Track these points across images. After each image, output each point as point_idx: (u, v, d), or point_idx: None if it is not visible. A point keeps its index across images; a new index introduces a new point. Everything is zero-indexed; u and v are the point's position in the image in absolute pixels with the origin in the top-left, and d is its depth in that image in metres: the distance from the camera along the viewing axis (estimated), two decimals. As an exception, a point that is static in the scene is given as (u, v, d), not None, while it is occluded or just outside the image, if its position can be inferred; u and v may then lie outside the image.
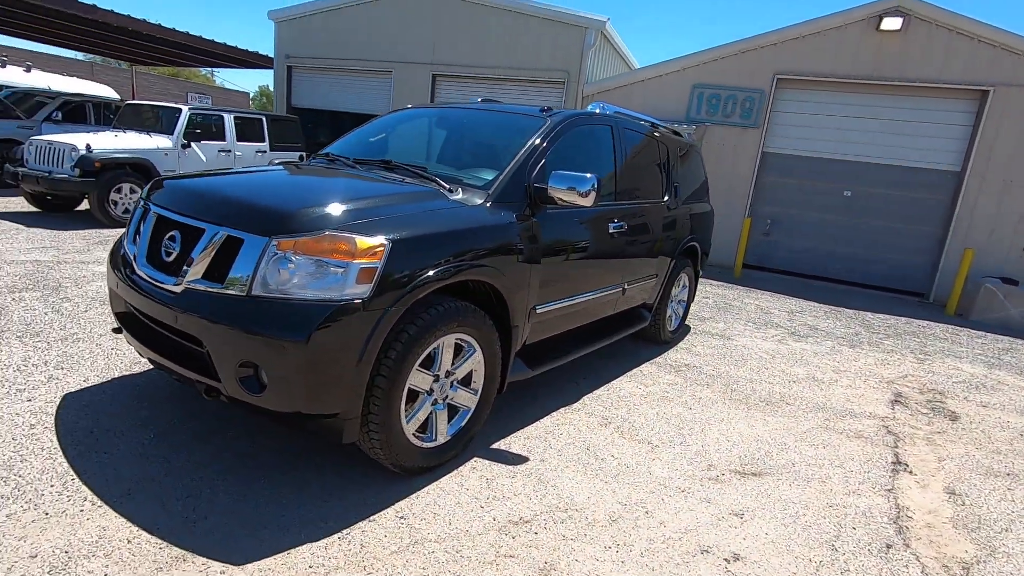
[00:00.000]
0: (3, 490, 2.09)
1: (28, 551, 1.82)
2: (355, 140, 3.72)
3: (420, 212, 2.41)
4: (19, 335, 3.52)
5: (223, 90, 34.73)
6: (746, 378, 4.38)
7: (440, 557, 2.03)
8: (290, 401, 2.04)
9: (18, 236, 6.21)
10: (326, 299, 2.03)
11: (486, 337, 2.62)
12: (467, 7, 11.05)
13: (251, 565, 1.88)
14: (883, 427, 3.76)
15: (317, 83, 13.08)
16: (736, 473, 2.90)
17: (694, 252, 5.09)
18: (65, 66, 20.65)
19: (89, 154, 7.09)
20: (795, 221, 9.68)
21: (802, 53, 9.06)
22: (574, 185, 2.80)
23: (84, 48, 15.56)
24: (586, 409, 3.46)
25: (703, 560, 2.19)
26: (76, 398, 2.84)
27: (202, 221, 2.23)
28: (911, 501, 2.86)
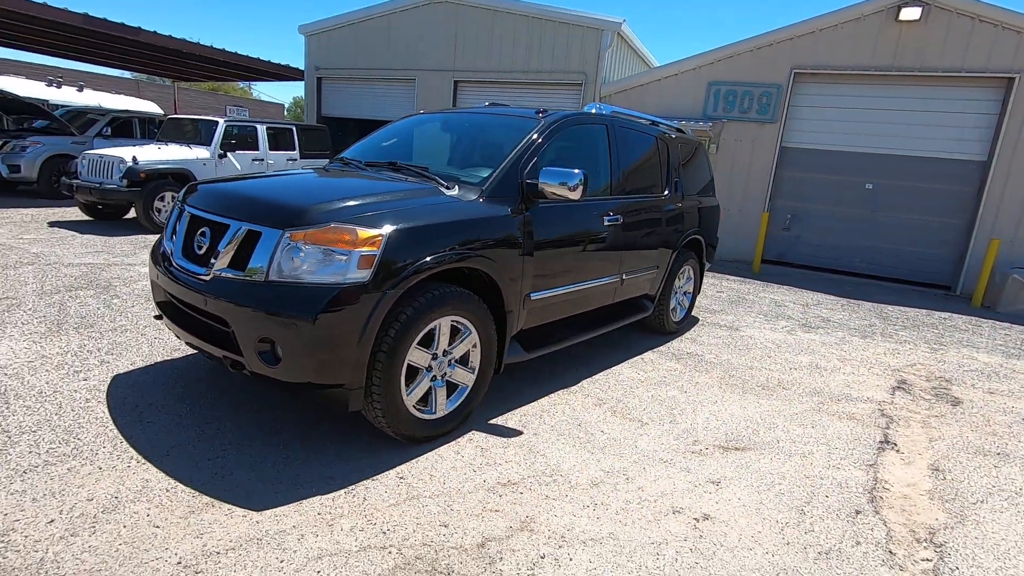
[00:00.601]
0: (65, 449, 2.46)
1: (86, 495, 2.17)
2: (369, 145, 4.04)
3: (416, 207, 2.69)
4: (76, 327, 3.96)
5: (259, 102, 36.10)
6: (746, 365, 4.52)
7: (432, 509, 2.29)
8: (301, 372, 2.34)
9: (74, 242, 6.79)
10: (331, 283, 2.32)
11: (481, 320, 2.87)
12: (486, 14, 11.38)
13: (268, 511, 2.18)
14: (878, 410, 3.85)
15: (345, 92, 13.62)
16: (720, 448, 3.08)
17: (698, 245, 5.24)
18: (114, 84, 21.94)
19: (135, 166, 7.67)
20: (816, 215, 9.62)
21: (819, 47, 9.04)
22: (563, 180, 3.03)
23: (131, 67, 16.55)
24: (583, 391, 3.68)
25: (674, 519, 2.39)
26: (124, 378, 3.22)
27: (227, 218, 2.57)
28: (891, 475, 2.98)
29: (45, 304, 4.37)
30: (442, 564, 2.00)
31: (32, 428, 2.61)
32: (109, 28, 10.03)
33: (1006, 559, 2.33)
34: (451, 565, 1.99)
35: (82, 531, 1.98)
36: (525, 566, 2.03)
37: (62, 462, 2.37)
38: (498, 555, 2.07)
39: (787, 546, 2.28)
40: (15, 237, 6.76)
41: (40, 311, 4.20)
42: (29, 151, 10.04)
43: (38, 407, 2.80)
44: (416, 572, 1.95)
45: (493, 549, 2.10)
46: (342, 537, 2.08)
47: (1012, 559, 2.34)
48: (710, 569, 2.10)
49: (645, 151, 4.42)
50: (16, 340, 3.62)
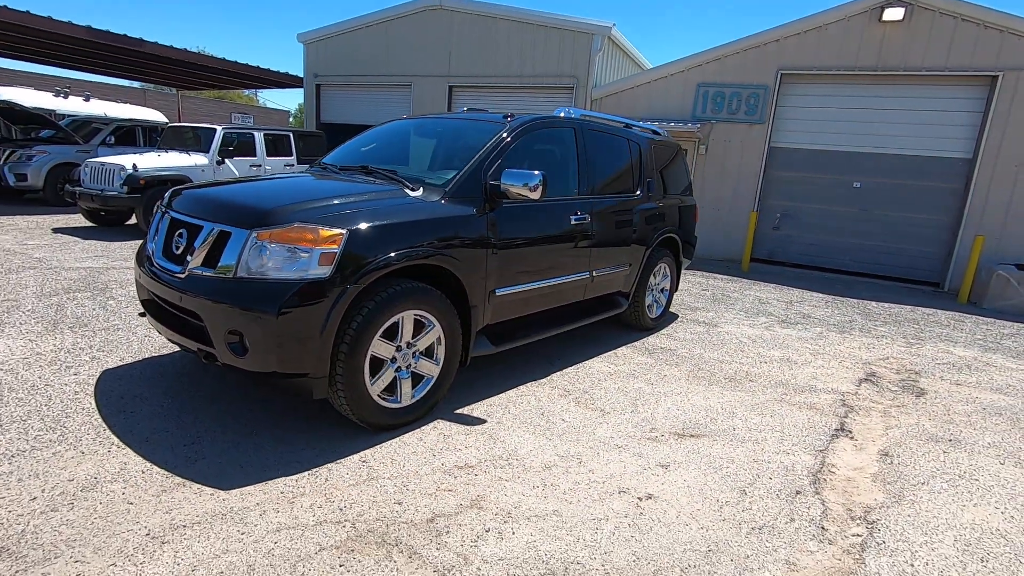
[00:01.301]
0: (52, 436, 2.64)
1: (67, 476, 2.35)
2: (348, 149, 4.22)
3: (378, 207, 2.85)
4: (71, 326, 4.16)
5: (265, 109, 36.53)
6: (717, 359, 4.65)
7: (389, 489, 2.45)
8: (267, 362, 2.51)
9: (75, 247, 7.03)
10: (294, 278, 2.50)
11: (444, 315, 3.04)
12: (480, 20, 11.58)
13: (235, 490, 2.35)
14: (840, 401, 3.97)
15: (343, 99, 13.87)
16: (675, 435, 3.22)
17: (674, 243, 5.38)
18: (121, 94, 22.36)
19: (135, 173, 7.92)
20: (805, 214, 9.72)
21: (805, 48, 9.16)
22: (524, 181, 3.19)
23: (136, 77, 16.91)
24: (552, 383, 3.83)
25: (618, 498, 2.53)
26: (112, 373, 3.41)
27: (201, 220, 2.75)
28: (840, 460, 3.10)
29: (44, 305, 4.58)
30: (391, 536, 2.16)
31: (22, 418, 2.79)
32: (112, 40, 10.32)
33: (933, 535, 2.46)
34: (399, 537, 2.15)
35: (61, 507, 2.16)
36: (469, 539, 2.18)
37: (48, 447, 2.55)
38: (445, 529, 2.22)
39: (723, 522, 2.42)
40: (19, 243, 7.01)
41: (38, 312, 4.41)
42: (35, 160, 10.34)
43: (29, 399, 2.99)
44: (366, 543, 2.11)
45: (441, 524, 2.25)
46: (301, 513, 2.25)
47: (939, 535, 2.46)
48: (644, 542, 2.24)
49: (615, 153, 4.57)
50: (13, 339, 3.82)
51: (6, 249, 6.58)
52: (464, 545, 2.14)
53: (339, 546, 2.08)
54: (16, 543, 1.95)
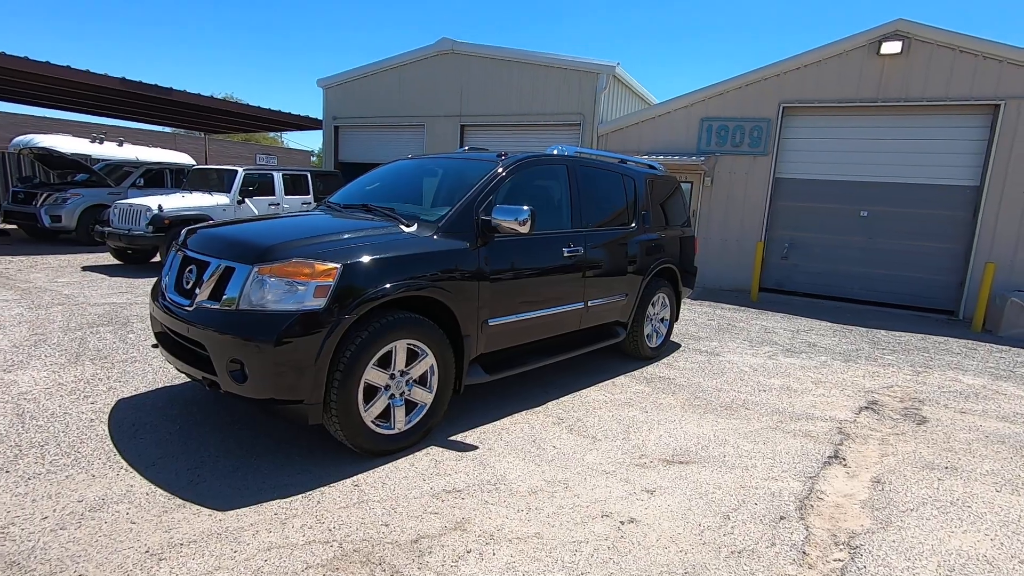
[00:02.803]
0: (66, 460, 2.81)
1: (77, 497, 2.50)
2: (353, 189, 4.46)
3: (373, 242, 3.04)
4: (92, 358, 4.39)
5: (287, 150, 37.87)
6: (715, 388, 4.68)
7: (377, 511, 2.55)
8: (265, 389, 2.66)
9: (102, 284, 7.39)
10: (291, 310, 2.67)
11: (437, 344, 3.18)
12: (489, 63, 12.08)
13: (231, 511, 2.47)
14: (836, 429, 3.97)
15: (360, 139, 14.43)
16: (664, 461, 3.26)
17: (672, 273, 5.48)
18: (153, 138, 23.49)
19: (160, 213, 8.34)
20: (813, 244, 9.74)
21: (806, 82, 9.35)
22: (514, 216, 3.37)
23: (166, 123, 17.84)
24: (546, 411, 3.91)
25: (601, 522, 2.59)
26: (127, 402, 3.60)
27: (209, 256, 2.96)
28: (830, 487, 3.11)
29: (68, 339, 4.84)
30: (376, 556, 2.25)
31: (40, 443, 2.98)
32: (144, 89, 11.00)
33: (916, 560, 2.46)
34: (384, 557, 2.25)
35: (70, 525, 2.31)
36: (451, 559, 2.26)
37: (62, 471, 2.72)
38: (428, 549, 2.31)
39: (702, 546, 2.46)
40: (50, 280, 7.40)
41: (63, 345, 4.66)
42: (69, 202, 10.93)
43: (48, 426, 3.18)
44: (351, 562, 2.20)
45: (424, 544, 2.34)
46: (292, 533, 2.36)
47: (923, 560, 2.46)
48: (622, 564, 2.30)
49: (609, 187, 4.74)
50: (38, 370, 4.06)
51: (38, 287, 6.95)
52: (445, 565, 2.22)
53: (325, 564, 2.18)
54: (26, 558, 2.10)
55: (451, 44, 12.41)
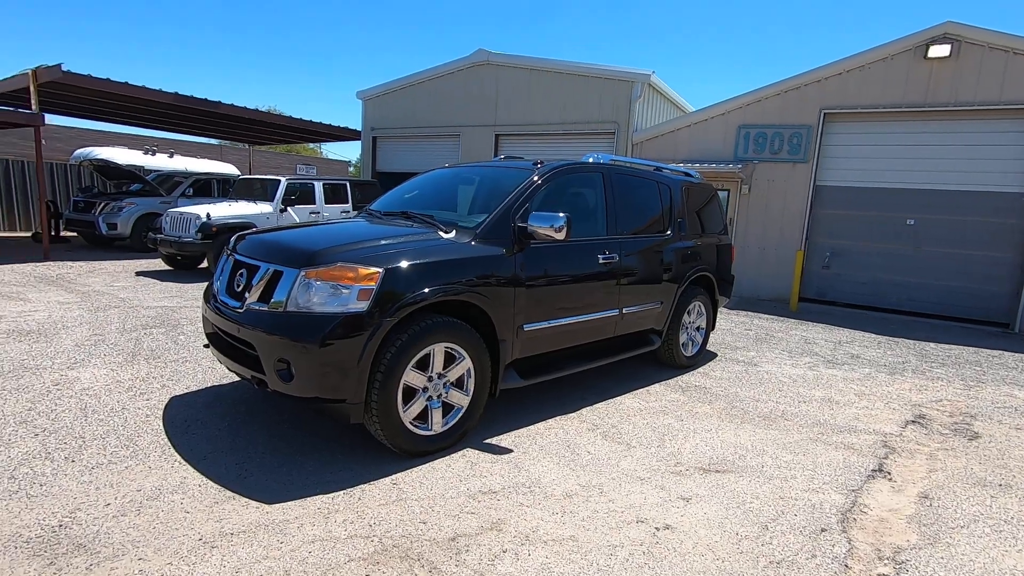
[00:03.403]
0: (125, 452, 2.98)
1: (136, 487, 2.65)
2: (392, 197, 4.59)
3: (413, 248, 3.13)
4: (146, 358, 4.63)
5: (327, 160, 38.91)
6: (752, 398, 4.60)
7: (415, 509, 2.62)
8: (310, 388, 2.77)
9: (154, 288, 7.76)
10: (336, 312, 2.78)
11: (474, 348, 3.24)
12: (524, 73, 12.21)
13: (277, 504, 2.58)
14: (881, 442, 3.85)
15: (397, 149, 14.75)
16: (700, 470, 3.23)
17: (708, 281, 5.42)
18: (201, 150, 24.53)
19: (208, 221, 8.72)
20: (856, 253, 9.46)
21: (848, 87, 9.14)
22: (550, 223, 3.41)
23: (213, 135, 18.61)
24: (581, 417, 3.92)
25: (635, 527, 2.59)
26: (179, 399, 3.79)
27: (259, 260, 3.11)
28: (874, 501, 3.03)
29: (124, 339, 5.11)
30: (415, 552, 2.31)
31: (102, 436, 3.16)
32: (194, 103, 11.54)
33: (967, 578, 2.37)
34: (422, 553, 2.30)
35: (130, 512, 2.45)
36: (487, 558, 2.30)
37: (121, 462, 2.88)
38: (465, 547, 2.36)
39: (740, 555, 2.43)
40: (107, 285, 7.81)
41: (120, 345, 4.92)
42: (124, 211, 11.53)
43: (108, 420, 3.38)
44: (391, 557, 2.27)
45: (462, 543, 2.39)
46: (335, 527, 2.44)
47: (973, 579, 2.37)
48: (657, 570, 2.29)
49: (644, 195, 4.74)
50: (98, 368, 4.30)
51: (96, 290, 7.35)
52: (481, 563, 2.26)
53: (366, 558, 2.25)
54: (92, 541, 2.24)
55: (487, 55, 12.61)
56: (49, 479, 2.68)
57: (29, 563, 2.10)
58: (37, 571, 2.06)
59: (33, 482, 2.65)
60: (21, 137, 17.66)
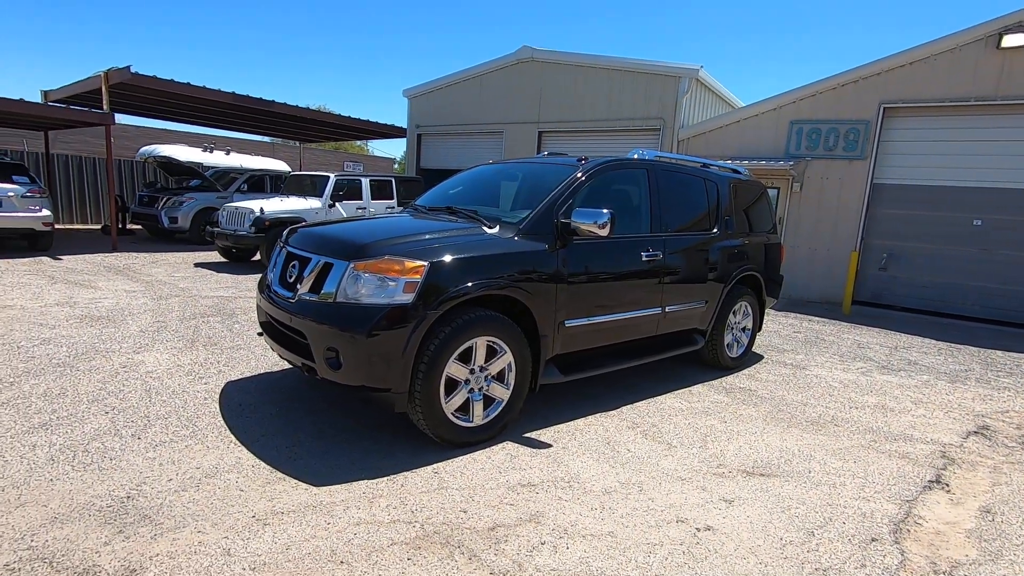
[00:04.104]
0: (185, 432, 3.16)
1: (195, 464, 2.81)
2: (437, 192, 4.67)
3: (457, 242, 3.18)
4: (204, 344, 4.87)
5: (373, 157, 39.80)
6: (800, 402, 4.46)
7: (456, 498, 2.67)
8: (357, 377, 2.87)
9: (211, 279, 8.15)
10: (382, 303, 2.86)
11: (515, 342, 3.27)
12: (568, 70, 12.15)
13: (324, 487, 2.68)
14: (939, 452, 3.67)
15: (441, 146, 14.95)
16: (743, 472, 3.17)
17: (755, 281, 5.28)
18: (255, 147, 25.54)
19: (262, 216, 9.07)
20: (916, 254, 9.00)
21: (911, 80, 8.69)
22: (593, 219, 3.41)
23: (267, 133, 19.34)
24: (621, 415, 3.90)
25: (675, 527, 2.57)
26: (234, 384, 3.97)
27: (310, 253, 3.23)
28: (930, 512, 2.90)
29: (184, 327, 5.39)
30: (455, 539, 2.36)
31: (165, 415, 3.36)
32: (250, 103, 12.01)
33: (1032, 598, 2.25)
34: (462, 540, 2.35)
35: (190, 488, 2.60)
36: (525, 548, 2.33)
37: (182, 441, 3.06)
38: (504, 537, 2.39)
39: (784, 560, 2.38)
40: (169, 275, 8.25)
41: (180, 332, 5.20)
42: (184, 205, 12.12)
43: (171, 401, 3.58)
44: (432, 543, 2.33)
45: (500, 533, 2.43)
46: (378, 511, 2.52)
47: (1039, 599, 2.25)
48: (697, 570, 2.27)
49: (690, 192, 4.66)
50: (161, 353, 4.56)
51: (159, 280, 7.78)
52: (520, 553, 2.29)
53: (408, 542, 2.31)
54: (156, 512, 2.39)
55: (531, 52, 12.61)
56: (118, 454, 2.87)
57: (101, 530, 2.26)
58: (108, 537, 2.21)
59: (104, 456, 2.84)
60: (93, 136, 18.82)
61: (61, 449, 2.88)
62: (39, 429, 3.09)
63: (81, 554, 2.11)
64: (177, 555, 2.13)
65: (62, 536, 2.20)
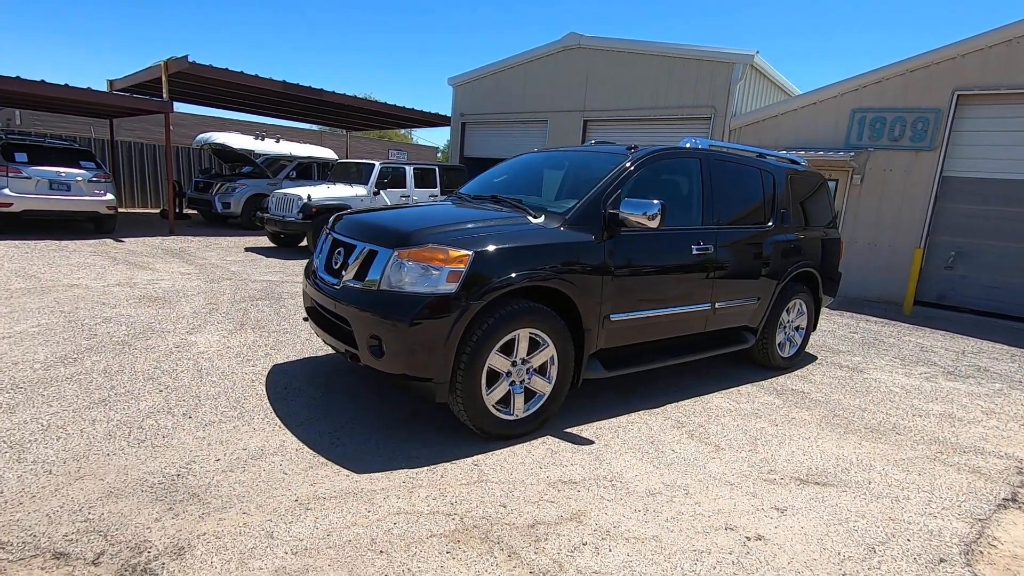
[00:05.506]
0: (233, 413, 3.23)
1: (242, 446, 2.86)
2: (482, 181, 4.61)
3: (502, 232, 3.12)
4: (252, 327, 5.00)
5: (416, 146, 40.18)
6: (858, 407, 4.22)
7: (496, 492, 2.63)
8: (399, 365, 2.85)
9: (260, 263, 8.38)
10: (426, 292, 2.83)
11: (558, 335, 3.19)
12: (615, 56, 11.86)
13: (365, 474, 2.69)
14: (1015, 468, 3.40)
15: (485, 134, 14.90)
16: (797, 480, 3.01)
17: (811, 278, 5.02)
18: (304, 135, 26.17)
19: (309, 202, 9.26)
20: (988, 253, 8.40)
21: (989, 65, 8.06)
22: (643, 210, 3.28)
23: (315, 121, 19.75)
24: (665, 414, 3.78)
25: (724, 534, 2.45)
26: (280, 367, 4.05)
27: (356, 240, 3.23)
28: (1005, 534, 2.68)
29: (235, 309, 5.55)
30: (495, 534, 2.32)
31: (214, 396, 3.45)
32: (300, 91, 12.24)
33: None
34: (502, 536, 2.31)
35: (237, 469, 2.65)
36: (566, 548, 2.27)
37: (230, 422, 3.13)
38: (544, 536, 2.34)
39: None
40: (221, 259, 8.53)
41: (231, 314, 5.36)
42: (237, 191, 12.52)
43: (220, 382, 3.68)
44: (471, 537, 2.29)
45: (541, 531, 2.37)
46: (418, 502, 2.51)
47: None
48: (747, 581, 2.16)
49: (745, 183, 4.44)
50: (212, 334, 4.70)
51: (212, 263, 8.05)
52: (561, 553, 2.23)
53: (447, 535, 2.29)
54: (204, 492, 2.44)
55: (578, 39, 12.36)
56: (170, 432, 2.96)
57: (152, 506, 2.32)
58: (159, 514, 2.27)
59: (157, 433, 2.93)
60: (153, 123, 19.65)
61: (118, 425, 2.99)
62: (99, 404, 3.22)
63: (134, 529, 2.17)
64: (223, 535, 2.17)
65: (116, 510, 2.27)
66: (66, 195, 9.51)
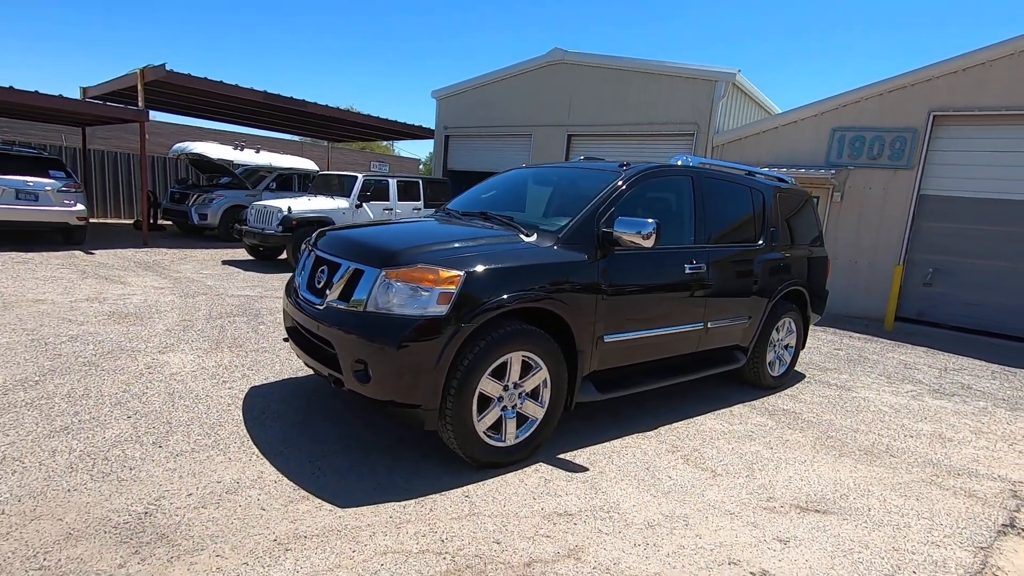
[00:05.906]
0: (207, 441, 3.04)
1: (216, 478, 2.68)
2: (470, 196, 4.51)
3: (494, 251, 3.01)
4: (229, 346, 4.79)
5: (399, 158, 39.98)
6: (850, 428, 4.18)
7: (489, 527, 2.49)
8: (386, 391, 2.71)
9: (237, 277, 8.13)
10: (415, 315, 2.70)
11: (552, 357, 3.08)
12: (599, 72, 11.92)
13: (349, 509, 2.53)
14: (1009, 491, 3.37)
15: (469, 148, 14.84)
16: (797, 508, 2.92)
17: (800, 296, 5.01)
18: (284, 146, 25.83)
19: (289, 214, 9.05)
20: (966, 270, 8.55)
21: (964, 87, 8.27)
22: (637, 229, 3.20)
23: (296, 132, 19.50)
24: (659, 437, 3.68)
25: (728, 570, 2.35)
26: (257, 390, 3.86)
27: (340, 258, 3.09)
28: (1009, 563, 2.62)
29: (210, 326, 5.33)
30: (489, 574, 2.18)
31: (187, 423, 3.25)
32: (282, 102, 12.05)
33: None
34: (496, 577, 2.17)
35: (210, 504, 2.47)
36: (565, 589, 2.14)
37: (203, 451, 2.94)
38: (541, 575, 2.20)
39: (852, 615, 2.14)
40: (197, 272, 8.26)
41: (206, 332, 5.14)
42: (214, 203, 12.22)
43: (194, 406, 3.48)
44: (464, 578, 2.15)
45: (537, 569, 2.24)
46: (406, 539, 2.36)
47: None
48: (756, 623, 2.05)
49: (735, 201, 4.42)
50: (186, 353, 4.48)
51: (187, 277, 7.78)
52: (559, 595, 2.10)
53: (438, 577, 2.14)
54: (173, 531, 2.26)
55: (562, 54, 12.42)
56: (138, 463, 2.76)
57: (116, 549, 2.13)
58: (123, 558, 2.09)
59: (124, 465, 2.73)
60: (128, 132, 19.19)
61: (81, 456, 2.79)
62: (60, 433, 3.01)
63: (94, 577, 1.98)
64: (194, 582, 2.00)
65: (76, 555, 2.08)
66: (34, 205, 9.15)
